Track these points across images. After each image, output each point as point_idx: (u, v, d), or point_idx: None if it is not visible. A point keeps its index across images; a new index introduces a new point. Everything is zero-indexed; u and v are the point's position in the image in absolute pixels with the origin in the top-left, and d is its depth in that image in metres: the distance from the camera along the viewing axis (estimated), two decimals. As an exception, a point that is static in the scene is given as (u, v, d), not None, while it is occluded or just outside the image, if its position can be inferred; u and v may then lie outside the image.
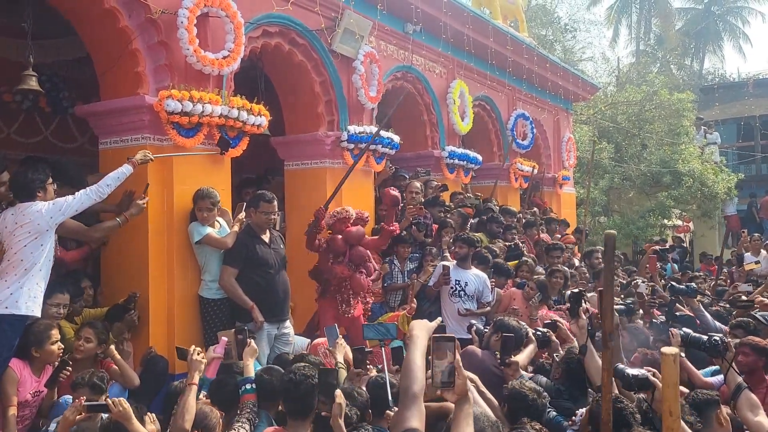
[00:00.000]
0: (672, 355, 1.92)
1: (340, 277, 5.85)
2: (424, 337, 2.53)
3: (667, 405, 1.92)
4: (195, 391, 3.42)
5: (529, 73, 10.73)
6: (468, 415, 2.20)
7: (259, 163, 8.21)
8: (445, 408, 2.63)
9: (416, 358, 2.40)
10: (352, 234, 5.96)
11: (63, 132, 7.15)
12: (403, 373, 2.42)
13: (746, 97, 20.60)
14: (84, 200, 4.19)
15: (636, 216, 16.99)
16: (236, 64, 5.52)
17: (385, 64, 7.68)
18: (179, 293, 5.17)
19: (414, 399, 2.27)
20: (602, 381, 2.13)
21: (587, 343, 3.41)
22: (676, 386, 1.94)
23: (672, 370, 1.94)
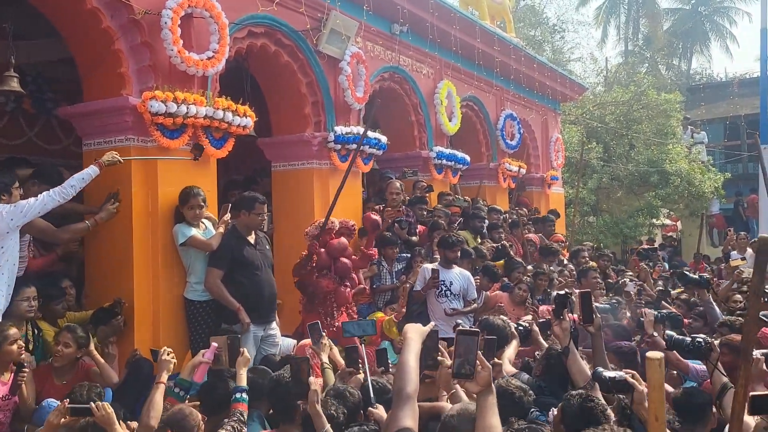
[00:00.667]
0: (657, 360, 1.92)
1: (326, 291, 5.84)
2: (417, 339, 2.55)
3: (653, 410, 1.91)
4: (162, 389, 3.48)
5: (517, 73, 10.76)
6: (492, 405, 2.23)
7: (246, 164, 8.20)
8: (438, 408, 2.64)
9: (410, 359, 2.42)
10: (334, 247, 5.95)
11: (47, 133, 7.09)
12: (396, 374, 2.43)
13: (732, 96, 20.75)
14: (47, 202, 4.15)
15: (625, 215, 17.07)
16: (221, 65, 5.49)
17: (372, 64, 7.67)
18: (164, 295, 5.14)
19: (407, 399, 2.29)
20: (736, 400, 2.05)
21: (570, 345, 3.42)
22: (661, 390, 1.93)
23: (657, 374, 1.93)
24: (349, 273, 5.99)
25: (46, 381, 4.17)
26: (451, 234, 6.78)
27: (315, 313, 5.87)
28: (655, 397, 1.93)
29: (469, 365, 2.24)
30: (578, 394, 2.85)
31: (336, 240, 5.98)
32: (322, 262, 5.86)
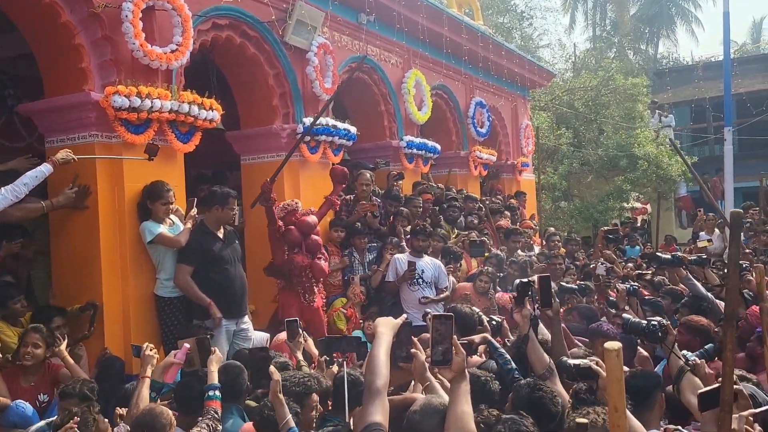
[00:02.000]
0: (615, 350, 1.93)
1: (301, 267, 5.85)
2: (388, 333, 2.56)
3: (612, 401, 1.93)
4: (148, 383, 3.57)
5: (486, 61, 10.79)
6: (465, 392, 2.24)
7: (215, 158, 8.13)
8: (409, 399, 2.65)
9: (380, 353, 2.43)
10: (306, 223, 5.96)
11: (9, 131, 6.94)
12: (367, 368, 2.45)
13: (697, 80, 21.06)
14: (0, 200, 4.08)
15: (595, 200, 17.26)
16: (185, 58, 5.43)
17: (340, 55, 7.63)
18: (134, 292, 5.10)
19: (377, 394, 2.31)
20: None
21: (529, 332, 3.47)
22: (620, 382, 1.95)
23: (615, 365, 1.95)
24: (320, 249, 6.05)
25: (14, 382, 4.11)
26: (419, 223, 6.81)
27: (293, 292, 5.86)
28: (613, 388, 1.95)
29: (446, 352, 2.25)
30: (527, 383, 2.89)
31: (307, 217, 5.98)
32: (294, 239, 5.87)
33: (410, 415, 2.27)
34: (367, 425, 2.25)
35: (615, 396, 1.88)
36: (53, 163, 4.44)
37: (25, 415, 3.81)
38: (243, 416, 3.77)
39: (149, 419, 3.05)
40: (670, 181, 16.68)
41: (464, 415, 2.17)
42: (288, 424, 2.83)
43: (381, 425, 2.25)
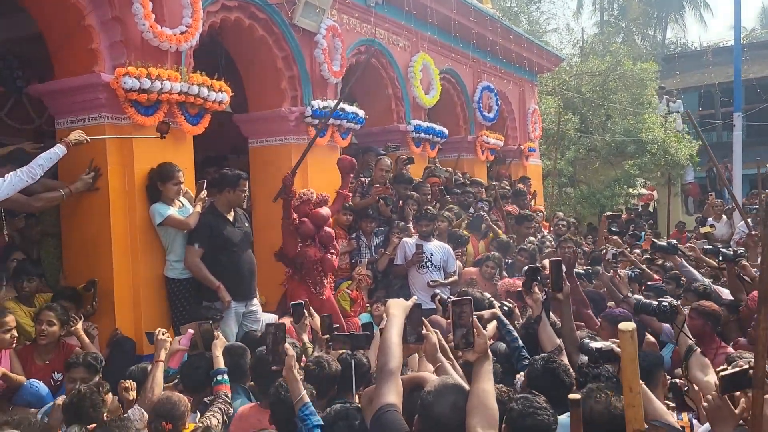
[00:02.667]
0: (629, 332, 1.95)
1: (313, 260, 5.84)
2: (400, 315, 2.58)
3: (627, 381, 1.95)
4: (162, 367, 3.62)
5: (494, 45, 10.73)
6: (488, 371, 2.28)
7: (223, 141, 8.13)
8: (419, 378, 2.67)
9: (393, 335, 2.47)
10: (320, 216, 5.94)
11: (19, 113, 6.95)
12: (380, 350, 2.46)
13: (706, 65, 20.90)
14: (15, 182, 4.09)
15: (602, 186, 17.22)
16: (195, 40, 5.42)
17: (348, 38, 7.60)
18: (144, 274, 5.12)
19: (391, 375, 2.35)
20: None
21: (542, 314, 3.51)
22: (634, 362, 1.97)
23: (630, 346, 1.97)
24: (332, 241, 6.02)
25: (28, 361, 4.16)
26: (427, 209, 6.80)
27: (303, 283, 5.87)
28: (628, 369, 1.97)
29: (468, 335, 2.28)
30: (541, 357, 2.93)
31: (320, 209, 5.97)
32: (307, 231, 5.85)
33: (424, 395, 2.28)
34: (382, 406, 2.28)
35: (630, 377, 1.89)
36: (66, 144, 4.44)
37: (39, 394, 3.87)
38: (249, 396, 3.82)
39: (169, 408, 3.08)
40: (678, 166, 16.62)
41: (486, 393, 2.21)
42: (302, 400, 2.84)
43: (395, 406, 2.29)
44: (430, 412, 2.21)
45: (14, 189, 4.12)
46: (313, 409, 2.82)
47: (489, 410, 2.17)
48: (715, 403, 2.53)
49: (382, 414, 2.27)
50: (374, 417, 2.30)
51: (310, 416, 2.78)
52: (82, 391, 3.24)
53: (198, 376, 3.74)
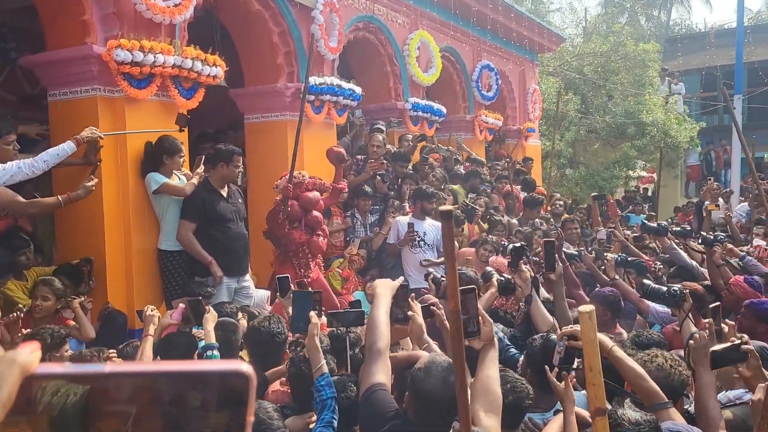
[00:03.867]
0: (587, 313, 1.97)
1: (298, 242, 5.84)
2: (387, 294, 2.59)
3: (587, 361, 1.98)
4: (151, 341, 3.58)
5: (494, 23, 10.63)
6: (493, 358, 2.33)
7: (221, 116, 8.08)
8: (414, 357, 2.68)
9: (380, 315, 2.48)
10: (309, 200, 5.92)
11: (12, 84, 6.90)
12: (368, 330, 2.48)
13: (709, 47, 20.76)
14: (15, 173, 3.95)
15: (601, 168, 17.19)
16: (189, 13, 5.36)
17: (346, 13, 7.52)
18: (136, 247, 5.11)
19: (379, 354, 2.37)
20: None
21: (532, 292, 3.50)
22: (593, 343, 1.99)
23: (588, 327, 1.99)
24: (320, 225, 5.99)
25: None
26: (426, 185, 6.78)
27: (289, 265, 5.88)
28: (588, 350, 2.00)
29: (474, 323, 2.29)
30: (539, 336, 2.92)
31: (308, 193, 5.94)
32: (294, 214, 5.84)
33: (414, 372, 2.28)
34: (371, 385, 2.31)
35: (590, 356, 1.91)
36: (77, 142, 4.32)
37: None
38: None
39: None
40: (678, 148, 16.57)
41: (490, 379, 2.25)
42: (321, 369, 2.83)
43: (384, 385, 2.32)
44: (421, 388, 2.21)
45: (13, 180, 3.97)
46: (330, 380, 2.80)
47: (491, 395, 2.21)
48: (700, 342, 2.68)
49: (371, 393, 2.29)
50: (364, 396, 2.33)
51: (326, 387, 2.75)
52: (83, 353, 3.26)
53: (179, 350, 3.66)
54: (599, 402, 1.87)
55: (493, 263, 5.65)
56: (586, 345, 1.92)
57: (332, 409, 2.69)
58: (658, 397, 2.39)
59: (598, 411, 1.87)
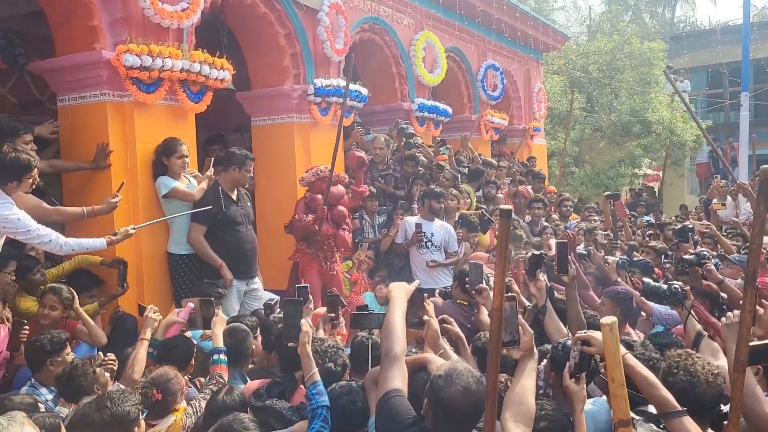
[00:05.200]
0: (609, 325, 1.98)
1: (326, 235, 5.85)
2: (403, 298, 2.58)
3: (610, 372, 1.99)
4: (146, 345, 3.60)
5: (499, 23, 10.63)
6: (531, 369, 2.28)
7: (228, 119, 8.11)
8: (422, 359, 2.66)
9: (396, 319, 2.48)
10: (333, 194, 5.94)
11: (21, 89, 6.92)
12: (384, 334, 2.47)
13: (715, 44, 20.68)
14: (41, 240, 3.87)
15: (606, 166, 17.16)
16: (196, 17, 5.38)
17: (352, 15, 7.53)
18: (147, 250, 5.14)
19: (396, 360, 2.36)
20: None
21: (546, 303, 3.48)
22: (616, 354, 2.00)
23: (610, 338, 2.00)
24: (345, 219, 6.04)
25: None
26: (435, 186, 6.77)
27: (315, 258, 5.89)
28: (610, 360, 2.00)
29: (514, 332, 2.28)
30: (564, 341, 2.90)
31: (333, 187, 5.96)
32: (317, 208, 5.84)
33: (434, 379, 2.24)
34: (388, 391, 2.29)
35: (612, 367, 1.92)
36: (110, 242, 4.28)
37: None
38: (246, 381, 3.70)
39: (164, 380, 3.07)
40: (684, 147, 16.52)
41: (524, 389, 2.22)
42: (313, 378, 2.83)
43: (401, 391, 2.30)
44: (441, 396, 2.17)
45: (32, 243, 3.93)
46: (322, 389, 2.79)
47: (524, 405, 2.17)
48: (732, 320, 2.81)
49: (389, 399, 2.27)
50: (380, 401, 2.30)
51: (317, 396, 2.73)
52: (74, 362, 3.27)
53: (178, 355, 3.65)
54: (622, 413, 1.86)
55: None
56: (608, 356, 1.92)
57: (323, 418, 2.68)
58: (671, 405, 2.35)
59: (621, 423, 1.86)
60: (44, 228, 3.90)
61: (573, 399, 2.46)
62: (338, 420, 2.66)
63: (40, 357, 3.56)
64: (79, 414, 2.63)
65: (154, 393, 3.02)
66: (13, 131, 4.30)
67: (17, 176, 3.77)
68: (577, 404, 2.45)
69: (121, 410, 2.52)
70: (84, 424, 2.55)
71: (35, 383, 3.52)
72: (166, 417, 3.07)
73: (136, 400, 2.65)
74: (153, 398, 2.99)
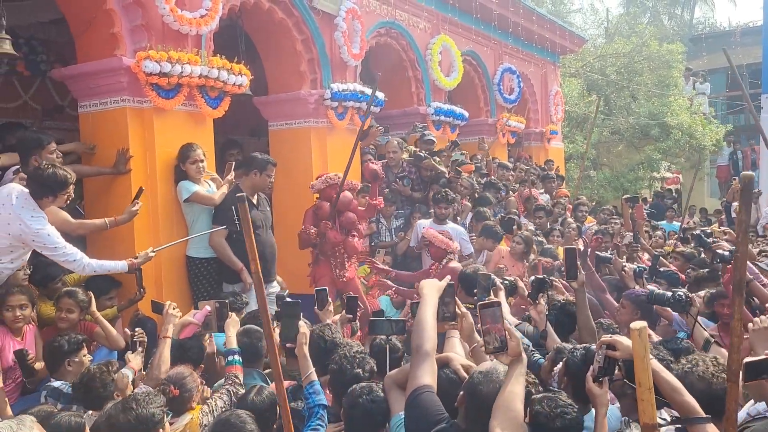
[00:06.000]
0: (638, 329, 1.98)
1: (333, 242, 5.87)
2: (434, 295, 2.60)
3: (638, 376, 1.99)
4: (169, 343, 3.60)
5: (516, 26, 10.62)
6: (520, 374, 2.27)
7: (244, 123, 8.18)
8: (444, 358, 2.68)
9: (428, 316, 2.50)
10: (341, 201, 5.96)
11: (43, 96, 7.05)
12: (414, 331, 2.49)
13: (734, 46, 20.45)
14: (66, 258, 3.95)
15: (625, 169, 17.03)
16: (215, 23, 5.45)
17: (368, 20, 7.57)
18: (166, 254, 5.17)
19: (426, 357, 2.38)
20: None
21: (546, 327, 3.49)
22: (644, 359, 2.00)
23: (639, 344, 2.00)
24: (355, 225, 6.02)
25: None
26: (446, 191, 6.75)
27: (327, 265, 5.92)
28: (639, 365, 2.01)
29: (500, 338, 2.28)
30: (582, 346, 2.89)
31: (342, 194, 5.98)
32: (324, 216, 5.86)
33: (475, 374, 2.32)
34: (418, 387, 2.32)
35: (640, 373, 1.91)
36: (131, 265, 4.33)
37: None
38: (265, 380, 3.77)
39: (181, 378, 3.11)
40: (704, 150, 16.35)
41: (512, 395, 2.20)
42: (310, 378, 2.88)
43: (431, 387, 2.33)
44: (478, 391, 2.24)
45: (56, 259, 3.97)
46: (319, 389, 2.84)
47: (512, 412, 2.16)
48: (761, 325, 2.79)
49: (419, 395, 2.30)
50: (410, 397, 2.34)
51: (314, 395, 2.80)
52: (91, 371, 3.29)
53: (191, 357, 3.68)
54: (648, 418, 1.85)
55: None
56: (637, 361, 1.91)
57: (319, 416, 2.73)
58: (694, 411, 2.32)
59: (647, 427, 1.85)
60: (71, 247, 3.99)
61: (596, 402, 2.46)
62: (359, 419, 2.69)
63: (57, 357, 3.62)
64: (105, 415, 2.68)
65: (172, 389, 3.05)
66: (38, 144, 4.36)
67: (53, 192, 3.88)
68: (600, 408, 2.44)
69: (146, 412, 2.55)
70: (109, 425, 2.59)
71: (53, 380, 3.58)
72: (182, 415, 3.11)
73: (161, 402, 2.68)
74: (170, 394, 3.03)
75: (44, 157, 4.27)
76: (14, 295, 3.88)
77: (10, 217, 3.78)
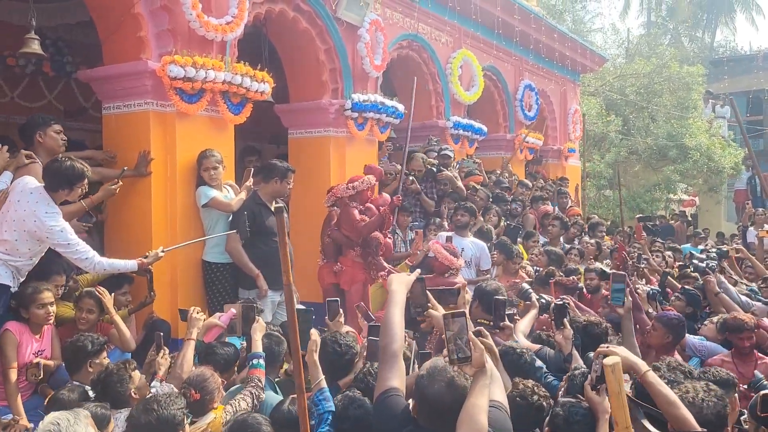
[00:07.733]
0: (611, 366, 1.95)
1: (379, 243, 5.83)
2: (402, 291, 2.54)
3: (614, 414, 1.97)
4: (193, 345, 3.65)
5: (537, 43, 10.62)
6: (484, 386, 2.20)
7: (264, 130, 8.21)
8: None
9: (395, 315, 2.43)
10: (380, 202, 5.99)
11: (67, 96, 7.13)
12: (382, 330, 2.44)
13: (756, 70, 20.35)
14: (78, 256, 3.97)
15: (642, 190, 16.93)
16: (240, 30, 5.48)
17: (391, 32, 7.60)
18: (183, 257, 5.20)
19: (394, 357, 2.33)
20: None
21: (572, 352, 3.47)
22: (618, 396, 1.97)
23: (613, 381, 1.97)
24: (390, 226, 6.08)
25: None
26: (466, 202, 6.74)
27: (364, 266, 5.84)
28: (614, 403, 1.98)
29: (465, 348, 2.22)
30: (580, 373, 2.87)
31: (380, 196, 5.99)
32: (373, 215, 5.86)
33: (418, 379, 2.25)
34: (385, 390, 2.29)
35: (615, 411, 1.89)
36: (141, 264, 4.37)
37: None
38: (275, 389, 3.75)
39: (201, 380, 3.11)
40: (722, 173, 16.23)
41: (475, 408, 2.12)
42: (320, 385, 2.88)
43: (398, 390, 2.29)
44: (427, 393, 2.19)
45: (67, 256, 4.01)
46: (329, 395, 2.83)
47: (476, 425, 2.09)
48: None
49: (385, 398, 2.28)
50: (377, 400, 2.32)
51: (323, 402, 2.79)
52: (109, 368, 3.31)
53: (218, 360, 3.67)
54: None
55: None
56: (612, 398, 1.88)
57: (328, 422, 2.72)
58: (690, 425, 2.30)
59: None
60: (84, 244, 4.02)
61: (596, 410, 2.47)
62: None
63: (80, 357, 3.63)
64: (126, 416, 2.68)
65: (192, 393, 3.06)
66: (44, 122, 4.44)
67: (70, 184, 3.93)
68: (600, 414, 2.44)
69: (167, 413, 2.55)
70: (130, 426, 2.60)
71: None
72: (205, 415, 3.11)
73: (182, 404, 2.69)
74: (192, 399, 3.03)
75: (48, 135, 4.37)
76: (45, 293, 3.91)
77: (26, 214, 3.82)
